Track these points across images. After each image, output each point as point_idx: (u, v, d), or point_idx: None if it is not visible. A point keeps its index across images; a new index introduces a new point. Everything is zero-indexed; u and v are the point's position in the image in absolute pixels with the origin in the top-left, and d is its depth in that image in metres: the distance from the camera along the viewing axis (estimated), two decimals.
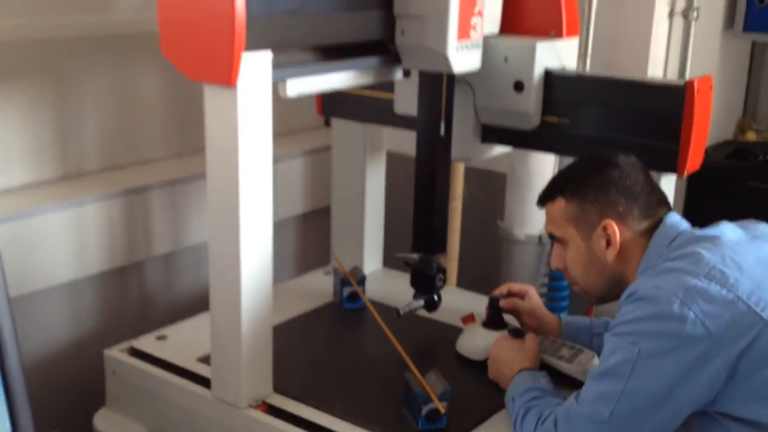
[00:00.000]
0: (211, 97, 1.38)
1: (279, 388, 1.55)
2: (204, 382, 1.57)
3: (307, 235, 2.42)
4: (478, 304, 1.91)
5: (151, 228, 2.00)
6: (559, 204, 1.45)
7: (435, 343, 1.77)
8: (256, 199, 1.42)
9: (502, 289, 1.71)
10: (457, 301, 1.93)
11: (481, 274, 2.37)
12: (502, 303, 1.67)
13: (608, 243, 1.40)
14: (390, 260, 2.09)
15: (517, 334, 1.64)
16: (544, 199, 1.50)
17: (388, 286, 2.04)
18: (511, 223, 2.21)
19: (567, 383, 1.55)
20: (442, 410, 1.41)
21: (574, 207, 1.43)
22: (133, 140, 2.08)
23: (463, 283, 2.23)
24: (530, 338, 1.59)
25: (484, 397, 1.55)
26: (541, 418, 1.35)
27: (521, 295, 1.70)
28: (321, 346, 1.74)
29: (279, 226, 2.28)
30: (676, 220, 1.41)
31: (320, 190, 2.34)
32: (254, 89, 1.36)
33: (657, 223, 1.40)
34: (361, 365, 1.66)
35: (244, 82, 1.34)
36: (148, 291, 2.06)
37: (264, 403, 1.52)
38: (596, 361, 1.57)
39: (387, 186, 2.13)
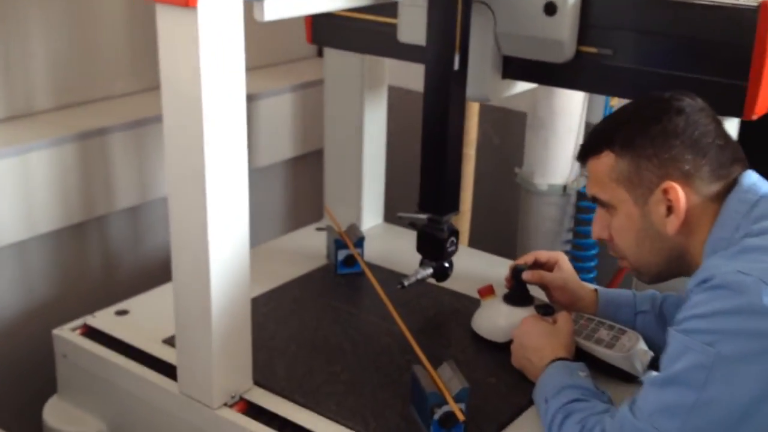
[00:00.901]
0: (165, 21, 1.08)
1: (260, 379, 1.29)
2: (170, 370, 1.30)
3: (297, 184, 2.13)
4: (495, 269, 1.64)
5: (112, 177, 1.71)
6: (607, 160, 1.16)
7: (446, 320, 1.49)
8: (225, 148, 1.13)
9: (527, 258, 1.43)
10: (471, 265, 1.66)
11: (496, 230, 2.09)
12: (527, 275, 1.39)
13: (669, 210, 1.11)
14: (392, 214, 1.80)
15: (547, 311, 1.36)
16: (588, 152, 1.20)
17: (391, 247, 1.76)
18: (531, 171, 1.92)
19: (604, 371, 1.29)
20: (461, 417, 1.14)
21: (626, 164, 1.14)
22: (91, 73, 1.76)
23: (476, 241, 1.95)
24: (563, 318, 1.32)
25: (508, 390, 1.29)
26: (584, 430, 1.08)
27: (550, 266, 1.42)
28: (311, 325, 1.46)
29: (263, 174, 2.00)
30: (754, 181, 1.12)
31: (312, 130, 2.04)
32: (220, 11, 1.06)
33: (730, 185, 1.11)
34: (359, 349, 1.39)
35: (206, 1, 1.03)
36: (109, 253, 1.78)
37: (242, 399, 1.25)
38: (642, 346, 1.30)
39: (389, 127, 1.83)
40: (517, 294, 1.40)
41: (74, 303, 1.62)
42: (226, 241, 1.17)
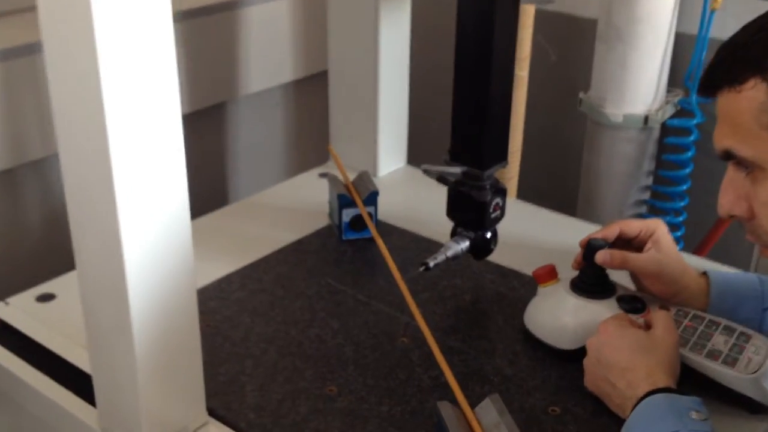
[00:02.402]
0: None
1: (219, 408, 0.89)
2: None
3: (299, 115, 1.69)
4: (557, 232, 1.22)
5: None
6: (755, 95, 0.72)
7: (488, 312, 1.08)
8: (137, 73, 0.71)
9: (609, 231, 1.00)
10: (522, 227, 1.23)
11: (552, 174, 1.64)
12: (604, 257, 0.95)
13: None
14: (419, 155, 1.38)
15: (635, 306, 0.95)
16: (721, 82, 0.76)
17: (416, 201, 1.34)
18: (602, 97, 1.47)
19: (720, 396, 0.88)
20: None
21: None
22: None
23: (526, 190, 1.52)
24: (662, 320, 0.90)
25: (578, 427, 0.88)
26: None
27: (642, 241, 0.99)
28: (300, 318, 1.06)
29: (253, 102, 1.57)
30: None
31: (318, 45, 1.59)
32: None
33: None
34: (365, 358, 0.98)
35: None
36: (24, 215, 1.37)
37: None
38: None
39: (413, 42, 1.38)
40: (591, 280, 0.98)
41: None
42: (148, 216, 0.75)
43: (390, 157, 1.43)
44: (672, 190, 1.50)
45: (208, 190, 1.50)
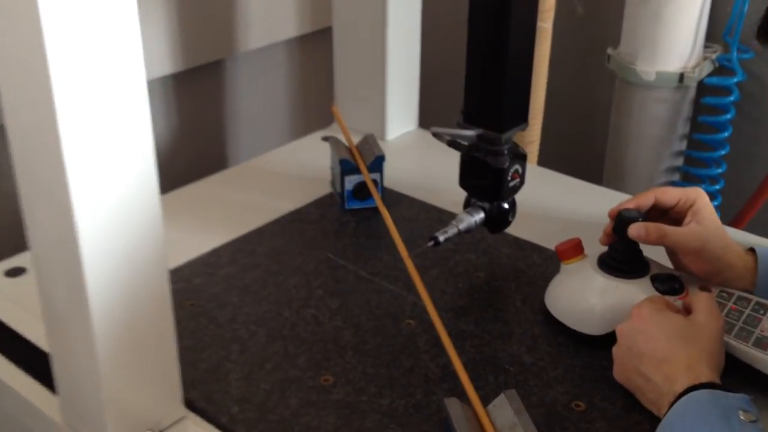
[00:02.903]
0: None
1: (199, 400, 0.79)
2: None
3: (303, 74, 1.58)
4: (582, 203, 1.11)
5: None
6: None
7: (504, 291, 0.96)
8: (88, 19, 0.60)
9: (642, 199, 0.88)
10: (542, 197, 1.12)
11: (576, 139, 1.52)
12: (638, 231, 0.84)
13: None
14: (431, 117, 1.26)
15: (672, 287, 0.83)
16: None
17: (425, 167, 1.23)
18: (633, 53, 1.34)
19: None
20: None
21: None
22: None
23: (547, 156, 1.40)
24: (704, 303, 0.78)
25: (608, 424, 0.77)
26: None
27: (680, 212, 0.87)
28: (295, 297, 0.95)
29: (254, 59, 1.45)
30: None
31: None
32: None
33: None
34: (365, 343, 0.88)
35: None
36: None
37: None
38: None
39: None
40: (622, 257, 0.86)
41: None
42: (105, 181, 0.65)
43: (399, 119, 1.31)
44: (708, 156, 1.37)
45: (204, 155, 1.39)
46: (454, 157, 0.95)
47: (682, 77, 1.31)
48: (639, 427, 0.76)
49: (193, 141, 1.35)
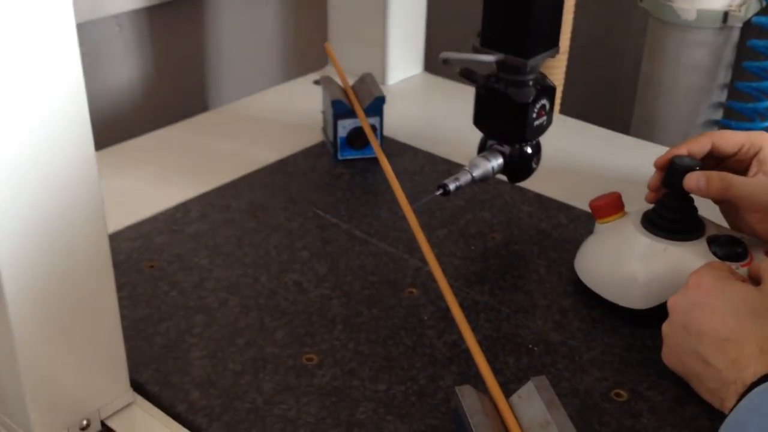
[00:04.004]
0: None
1: (150, 382, 0.64)
2: None
3: (292, 8, 1.40)
4: (615, 156, 0.96)
5: None
6: None
7: (526, 256, 0.81)
8: None
9: (697, 144, 0.72)
10: (569, 148, 0.97)
11: (601, 87, 1.36)
12: (697, 181, 0.68)
13: None
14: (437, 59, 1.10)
15: (734, 252, 0.68)
16: None
17: (432, 115, 1.07)
18: None
19: None
20: None
21: None
22: None
23: (569, 106, 1.24)
24: None
25: (656, 417, 0.62)
26: None
27: (744, 159, 0.71)
28: (276, 259, 0.80)
29: None
30: None
31: None
32: None
33: None
34: (358, 316, 0.72)
35: None
36: None
37: (105, 430, 0.62)
38: None
39: None
40: (673, 214, 0.70)
41: None
42: (17, 118, 0.49)
43: (402, 61, 1.16)
44: (752, 107, 1.21)
45: (183, 99, 1.23)
46: (466, 103, 0.79)
47: (726, 16, 1.15)
48: (695, 423, 0.62)
49: (170, 83, 1.20)
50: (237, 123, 1.05)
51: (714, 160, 0.73)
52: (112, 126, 1.10)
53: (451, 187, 0.74)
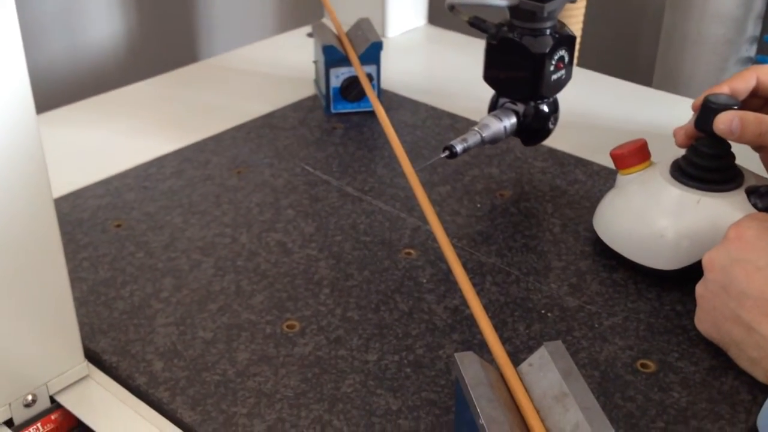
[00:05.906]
0: None
1: (110, 351, 0.56)
2: None
3: None
4: (636, 112, 0.87)
5: None
6: None
7: (538, 215, 0.72)
8: None
9: (740, 81, 0.63)
10: (586, 102, 0.88)
11: (621, 40, 1.27)
12: (731, 122, 0.59)
13: None
14: (444, 14, 1.01)
15: None
16: None
17: (436, 69, 0.99)
18: None
19: None
20: None
21: None
22: None
23: (587, 59, 1.15)
24: None
25: (687, 392, 0.53)
26: None
27: None
28: (258, 218, 0.71)
29: None
30: None
31: None
32: None
33: None
34: (347, 280, 0.64)
35: None
36: None
37: (54, 409, 0.54)
38: None
39: None
40: (707, 162, 0.61)
41: None
42: None
43: (403, 10, 1.06)
44: None
45: (172, 51, 1.15)
46: (475, 57, 0.71)
47: None
48: (734, 398, 0.53)
49: (158, 35, 1.12)
50: (225, 75, 0.97)
51: (759, 101, 0.64)
52: (101, 78, 1.02)
53: (458, 148, 0.65)
